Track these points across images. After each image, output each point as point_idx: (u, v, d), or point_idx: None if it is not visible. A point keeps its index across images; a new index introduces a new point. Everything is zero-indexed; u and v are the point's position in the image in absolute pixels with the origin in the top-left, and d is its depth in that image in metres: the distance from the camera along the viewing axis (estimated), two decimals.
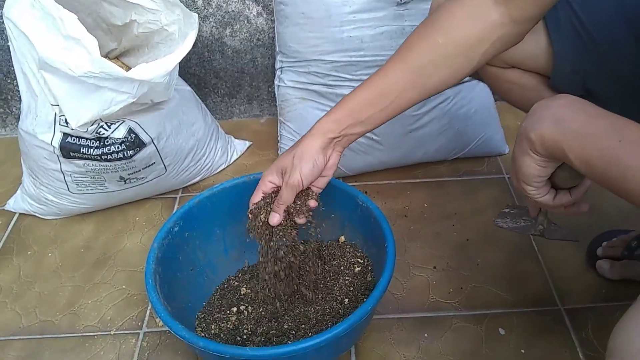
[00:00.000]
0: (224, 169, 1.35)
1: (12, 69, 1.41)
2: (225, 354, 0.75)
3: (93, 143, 1.07)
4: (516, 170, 0.66)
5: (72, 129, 1.03)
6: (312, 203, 0.85)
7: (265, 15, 1.33)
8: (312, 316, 0.92)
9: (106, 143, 1.07)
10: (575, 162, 0.57)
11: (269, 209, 0.85)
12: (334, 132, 0.80)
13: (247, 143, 1.41)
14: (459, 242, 1.12)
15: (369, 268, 0.97)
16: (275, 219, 0.84)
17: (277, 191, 0.85)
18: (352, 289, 0.95)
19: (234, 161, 1.37)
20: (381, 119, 0.80)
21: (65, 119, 1.02)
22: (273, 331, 0.91)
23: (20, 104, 1.47)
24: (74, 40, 0.88)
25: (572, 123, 0.57)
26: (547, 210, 0.80)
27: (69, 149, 1.07)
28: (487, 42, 0.73)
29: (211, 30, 1.35)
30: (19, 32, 0.95)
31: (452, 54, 0.73)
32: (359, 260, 0.98)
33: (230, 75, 1.44)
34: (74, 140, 1.06)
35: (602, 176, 0.55)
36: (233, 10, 1.32)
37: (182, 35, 1.06)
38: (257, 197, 0.86)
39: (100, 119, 1.03)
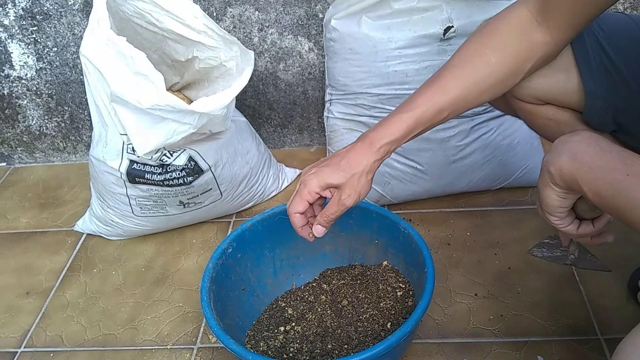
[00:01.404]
0: (275, 195, 1.42)
1: (84, 100, 1.54)
2: None
3: (156, 170, 1.16)
4: (540, 202, 0.70)
5: (138, 157, 1.12)
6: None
7: (316, 51, 1.41)
8: (354, 337, 0.96)
9: (168, 170, 1.16)
10: (588, 194, 0.61)
11: None
12: (382, 152, 0.79)
13: (298, 171, 1.47)
14: (500, 271, 1.14)
15: (410, 293, 1.01)
16: (321, 231, 0.85)
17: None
18: (393, 312, 0.99)
19: (285, 188, 1.44)
20: (424, 132, 0.81)
21: (132, 147, 1.12)
22: (317, 350, 0.96)
23: (89, 132, 1.60)
24: (142, 76, 0.97)
25: (585, 157, 0.62)
26: (578, 241, 0.83)
27: (135, 174, 1.16)
28: (531, 61, 0.78)
29: (266, 65, 1.44)
30: (93, 67, 1.05)
31: (503, 72, 0.78)
32: (401, 285, 1.03)
33: (282, 107, 1.52)
34: (139, 166, 1.15)
35: (612, 207, 0.59)
36: (286, 46, 1.41)
37: (239, 71, 1.14)
38: (299, 206, 0.82)
39: (164, 147, 1.12)
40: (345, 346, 0.95)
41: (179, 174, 1.17)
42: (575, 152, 0.64)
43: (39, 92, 1.54)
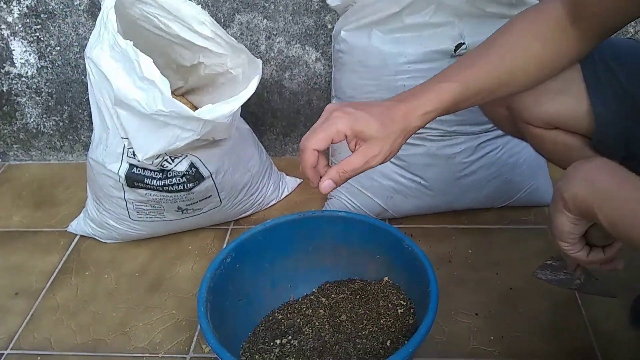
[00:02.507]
0: (274, 204, 1.40)
1: (84, 100, 1.52)
2: None
3: (156, 175, 1.14)
4: (552, 227, 0.69)
5: (138, 161, 1.10)
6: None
7: (323, 61, 1.40)
8: (353, 354, 0.94)
9: (169, 175, 1.14)
10: (603, 222, 0.60)
11: None
12: (428, 121, 0.72)
13: (299, 180, 1.46)
14: (502, 290, 1.13)
15: (412, 311, 0.99)
16: (329, 188, 0.70)
17: None
18: (393, 330, 0.97)
19: (285, 197, 1.42)
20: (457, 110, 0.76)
21: (133, 152, 1.10)
22: None
23: (88, 132, 1.58)
24: (148, 81, 0.96)
25: (602, 184, 0.61)
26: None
27: (134, 179, 1.14)
28: (567, 57, 0.77)
29: (271, 73, 1.43)
30: (97, 70, 1.03)
31: (544, 62, 0.77)
32: (402, 302, 1.01)
33: (286, 116, 1.50)
34: (139, 171, 1.13)
35: (627, 237, 0.58)
36: (293, 55, 1.39)
37: (245, 78, 1.13)
38: (321, 142, 0.69)
39: (165, 153, 1.10)
40: None
41: (179, 180, 1.15)
42: (591, 179, 0.62)
43: (39, 91, 1.52)
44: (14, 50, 1.45)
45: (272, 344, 0.99)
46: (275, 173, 1.40)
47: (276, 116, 1.50)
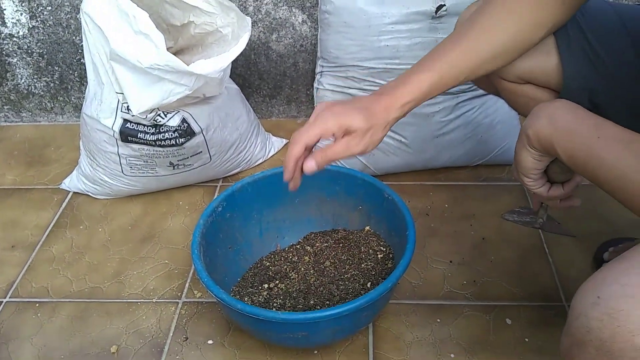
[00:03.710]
0: (261, 163, 1.45)
1: (75, 61, 1.55)
2: (259, 316, 0.85)
3: (150, 129, 1.18)
4: (516, 163, 0.76)
5: (132, 116, 1.15)
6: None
7: (309, 23, 1.44)
8: (336, 294, 1.01)
9: (161, 130, 1.19)
10: (562, 156, 0.67)
11: None
12: (409, 111, 0.78)
13: (284, 141, 1.51)
14: (475, 241, 1.20)
15: (391, 256, 1.06)
16: (311, 168, 0.77)
17: None
18: (374, 273, 1.04)
19: (271, 156, 1.47)
20: (438, 93, 0.81)
21: (127, 106, 1.14)
22: (300, 306, 1.01)
23: (78, 93, 1.61)
24: (143, 35, 1.00)
25: (562, 121, 0.68)
26: (547, 206, 0.90)
27: (128, 133, 1.19)
28: (545, 28, 0.80)
29: (259, 35, 1.47)
30: (93, 25, 1.07)
31: (521, 39, 0.80)
32: (382, 248, 1.08)
33: (272, 78, 1.55)
34: (132, 126, 1.18)
35: (583, 168, 0.65)
36: (280, 17, 1.44)
37: (234, 37, 1.17)
38: (311, 138, 0.75)
39: (159, 108, 1.15)
40: (327, 302, 1.00)
41: (171, 134, 1.20)
42: (553, 117, 0.69)
43: (29, 51, 1.54)
44: (5, 9, 1.47)
45: (260, 287, 1.06)
46: (262, 133, 1.46)
47: (263, 78, 1.55)
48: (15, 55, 1.55)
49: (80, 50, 1.54)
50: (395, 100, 0.77)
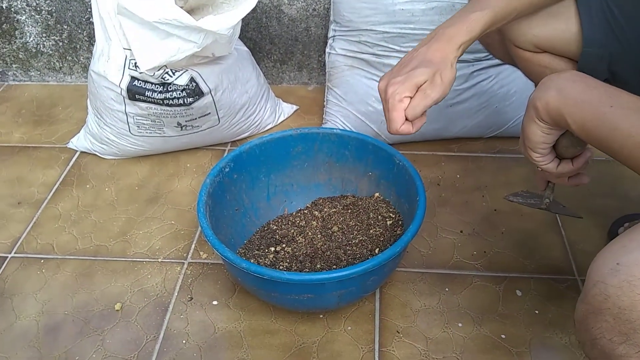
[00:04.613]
0: (271, 128, 1.43)
1: (84, 20, 1.52)
2: (264, 275, 0.83)
3: (157, 88, 1.16)
4: (524, 138, 0.73)
5: (140, 73, 1.13)
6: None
7: None
8: (343, 259, 1.00)
9: (169, 89, 1.16)
10: (573, 127, 0.64)
11: None
12: (464, 49, 0.78)
13: (295, 107, 1.49)
14: (486, 212, 1.18)
15: (400, 222, 1.04)
16: (408, 129, 0.76)
17: None
18: (382, 239, 1.02)
19: (281, 122, 1.45)
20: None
21: (135, 63, 1.12)
22: (306, 269, 0.99)
23: (87, 53, 1.59)
24: None
25: (572, 92, 0.65)
26: (553, 186, 0.87)
27: (135, 91, 1.17)
28: None
29: None
30: None
31: None
32: (391, 214, 1.06)
33: (284, 42, 1.52)
34: (140, 83, 1.16)
35: (596, 138, 0.62)
36: None
37: None
38: (399, 120, 0.75)
39: (166, 65, 1.12)
40: (334, 266, 0.98)
41: (179, 93, 1.17)
42: (562, 88, 0.66)
43: (38, 9, 1.52)
44: None
45: (266, 250, 1.04)
46: (272, 98, 1.43)
47: (274, 43, 1.52)
48: (24, 12, 1.53)
49: (89, 9, 1.51)
50: (450, 41, 0.76)
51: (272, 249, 1.05)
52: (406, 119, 0.75)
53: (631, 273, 0.51)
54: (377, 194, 1.10)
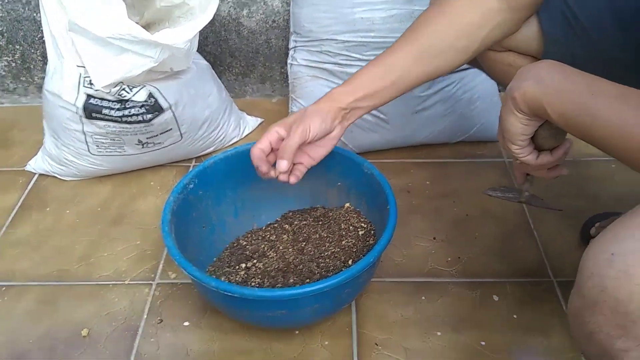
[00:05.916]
0: (236, 142, 1.40)
1: (37, 39, 1.48)
2: (235, 293, 0.80)
3: (115, 105, 1.12)
4: (502, 130, 0.72)
5: (95, 90, 1.09)
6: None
7: None
8: (316, 272, 0.97)
9: (127, 105, 1.13)
10: (553, 116, 0.63)
11: None
12: (342, 102, 0.83)
13: (259, 120, 1.46)
14: (458, 217, 1.17)
15: (372, 232, 1.02)
16: (283, 165, 0.84)
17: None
18: (355, 250, 1.00)
19: (246, 136, 1.42)
20: (389, 94, 0.85)
21: (90, 81, 1.08)
22: (279, 285, 0.96)
23: (41, 73, 1.54)
24: (102, 3, 0.94)
25: (551, 81, 0.64)
26: (532, 179, 0.86)
27: (92, 109, 1.12)
28: (486, 28, 0.81)
29: (229, 10, 1.41)
30: None
31: (454, 38, 0.81)
32: (363, 224, 1.04)
33: (244, 55, 1.50)
34: (96, 101, 1.12)
35: (576, 127, 0.61)
36: None
37: (202, 10, 1.11)
38: (263, 144, 0.86)
39: (123, 82, 1.08)
40: (307, 280, 0.95)
41: (138, 110, 1.14)
42: (541, 77, 0.65)
43: None
44: None
45: (237, 267, 1.01)
46: (235, 112, 1.40)
47: (234, 56, 1.50)
48: None
49: (41, 28, 1.45)
50: (329, 95, 0.85)
51: (243, 265, 1.01)
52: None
53: (627, 262, 0.50)
54: (347, 204, 1.08)
